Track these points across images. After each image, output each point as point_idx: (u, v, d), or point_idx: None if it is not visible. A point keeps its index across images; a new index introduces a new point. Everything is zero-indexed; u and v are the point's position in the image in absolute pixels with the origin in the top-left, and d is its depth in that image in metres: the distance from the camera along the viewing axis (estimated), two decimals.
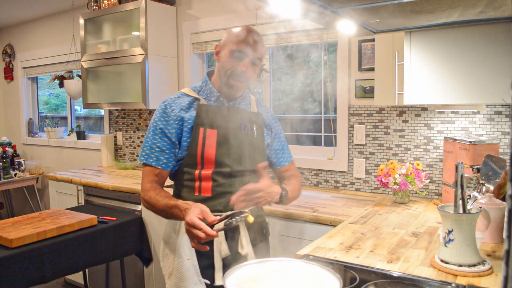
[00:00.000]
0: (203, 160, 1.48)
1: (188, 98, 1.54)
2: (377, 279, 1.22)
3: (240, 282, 1.06)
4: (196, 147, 1.47)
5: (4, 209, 4.96)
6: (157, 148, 1.49)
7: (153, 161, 1.50)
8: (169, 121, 1.50)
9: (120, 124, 3.86)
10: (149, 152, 1.51)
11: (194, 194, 1.50)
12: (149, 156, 1.50)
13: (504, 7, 1.23)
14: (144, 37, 3.11)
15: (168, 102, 1.53)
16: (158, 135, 1.50)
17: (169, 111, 1.51)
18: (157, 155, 1.49)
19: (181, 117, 1.50)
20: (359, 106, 2.53)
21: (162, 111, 1.52)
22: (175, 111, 1.51)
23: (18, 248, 1.92)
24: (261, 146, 1.61)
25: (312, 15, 1.30)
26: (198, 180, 1.49)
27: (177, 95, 1.57)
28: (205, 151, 1.47)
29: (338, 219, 1.95)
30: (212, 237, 1.21)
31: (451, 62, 1.62)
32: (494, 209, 1.48)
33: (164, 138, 1.49)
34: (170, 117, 1.50)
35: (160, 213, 1.46)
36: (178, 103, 1.53)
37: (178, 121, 1.49)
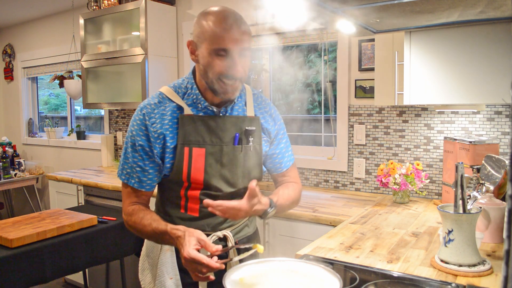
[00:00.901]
0: (190, 180, 1.29)
1: (171, 105, 1.29)
2: (377, 279, 1.22)
3: (240, 282, 1.06)
4: (181, 169, 1.27)
5: (4, 209, 4.96)
6: (138, 168, 1.29)
7: (135, 182, 1.30)
8: (150, 138, 1.27)
9: (120, 124, 3.86)
10: (130, 171, 1.30)
11: (179, 211, 1.34)
12: (131, 176, 1.30)
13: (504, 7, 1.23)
14: (144, 37, 3.11)
15: (147, 111, 1.28)
16: (138, 153, 1.28)
17: (148, 124, 1.27)
18: (139, 175, 1.29)
19: (163, 135, 1.27)
20: (359, 106, 2.53)
21: (140, 122, 1.28)
22: (156, 126, 1.27)
23: (18, 248, 1.91)
24: (257, 160, 1.38)
25: (312, 15, 1.30)
26: (185, 198, 1.33)
27: (158, 98, 1.31)
28: (191, 174, 1.27)
29: (338, 219, 1.95)
30: (216, 270, 1.06)
31: (451, 62, 1.62)
32: (494, 209, 1.48)
33: (145, 157, 1.28)
34: (150, 133, 1.26)
35: (150, 238, 1.31)
36: (159, 114, 1.28)
37: (160, 139, 1.27)
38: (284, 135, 1.49)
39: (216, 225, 1.34)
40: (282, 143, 1.48)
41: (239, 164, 1.33)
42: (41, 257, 1.98)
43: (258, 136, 1.37)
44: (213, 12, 1.22)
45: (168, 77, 3.31)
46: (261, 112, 1.42)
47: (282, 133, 1.48)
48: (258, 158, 1.39)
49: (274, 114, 1.46)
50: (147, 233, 1.26)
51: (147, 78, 3.13)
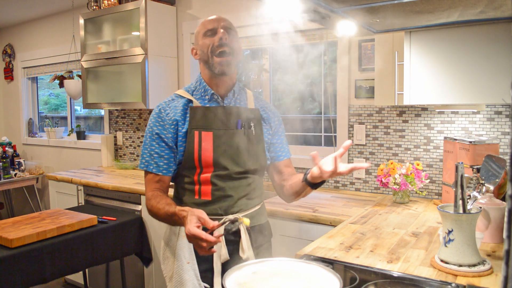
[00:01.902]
0: (201, 163, 1.45)
1: (182, 100, 1.51)
2: (377, 279, 1.22)
3: (240, 282, 1.06)
4: (192, 151, 1.44)
5: (4, 209, 4.96)
6: (155, 154, 1.47)
7: (153, 167, 1.47)
8: (165, 125, 1.47)
9: (120, 124, 3.86)
10: (148, 159, 1.48)
11: (194, 197, 1.48)
12: (149, 163, 1.48)
13: (504, 7, 1.23)
14: (144, 37, 3.11)
15: (163, 106, 1.50)
16: (155, 141, 1.47)
17: (163, 115, 1.48)
18: (156, 161, 1.47)
19: (176, 121, 1.47)
20: (359, 106, 2.53)
21: (156, 115, 1.49)
22: (170, 115, 1.48)
23: (18, 248, 1.92)
24: (261, 144, 1.56)
25: (312, 15, 1.30)
26: (198, 184, 1.47)
27: (171, 97, 1.54)
28: (202, 155, 1.44)
29: (338, 219, 1.95)
30: (215, 243, 1.19)
31: (451, 62, 1.62)
32: (494, 209, 1.48)
33: (162, 143, 1.47)
34: (165, 121, 1.47)
35: (164, 221, 1.44)
36: (172, 107, 1.50)
37: (173, 125, 1.47)
38: (283, 132, 1.67)
39: (227, 207, 1.47)
40: (282, 136, 1.66)
41: (243, 146, 1.49)
42: (41, 257, 1.98)
43: (258, 123, 1.56)
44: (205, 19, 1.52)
45: (168, 77, 3.31)
46: (261, 106, 1.62)
47: (281, 129, 1.67)
48: (261, 143, 1.56)
49: (273, 110, 1.67)
50: (161, 216, 1.40)
51: (147, 78, 3.13)
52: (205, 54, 1.47)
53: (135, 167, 3.67)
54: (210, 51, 1.46)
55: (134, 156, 3.77)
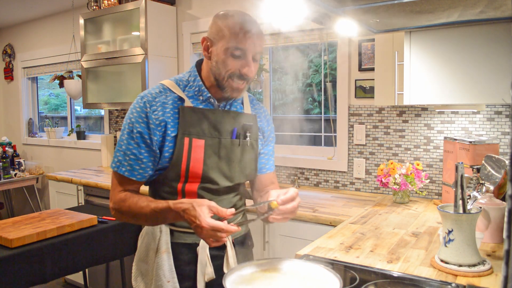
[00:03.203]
0: (188, 173, 1.27)
1: (172, 96, 1.29)
2: (377, 279, 1.22)
3: (240, 282, 1.06)
4: (180, 160, 1.26)
5: (4, 209, 4.96)
6: (132, 155, 1.25)
7: (126, 170, 1.26)
8: (150, 125, 1.25)
9: (120, 124, 3.86)
10: (121, 159, 1.26)
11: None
12: (121, 164, 1.26)
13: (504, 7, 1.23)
14: (144, 37, 3.11)
15: (148, 99, 1.26)
16: (135, 140, 1.25)
17: (149, 112, 1.25)
18: (131, 163, 1.25)
19: (164, 122, 1.25)
20: (359, 106, 2.53)
21: (140, 109, 1.26)
22: (158, 113, 1.25)
23: (18, 248, 1.92)
24: (253, 156, 1.40)
25: (312, 15, 1.30)
26: (181, 194, 1.30)
27: (158, 89, 1.30)
28: (190, 165, 1.26)
29: (338, 219, 1.95)
30: (234, 232, 1.09)
31: (451, 62, 1.62)
32: (494, 209, 1.48)
33: (142, 145, 1.25)
34: (151, 120, 1.25)
35: (146, 221, 1.27)
36: (160, 102, 1.27)
37: (161, 126, 1.25)
38: (273, 140, 1.52)
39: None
40: (270, 145, 1.50)
41: (236, 159, 1.34)
42: (41, 257, 1.98)
43: (255, 132, 1.40)
44: (233, 13, 1.26)
45: (168, 77, 3.28)
46: (256, 112, 1.45)
47: (272, 136, 1.51)
48: (254, 154, 1.40)
49: (268, 116, 1.51)
50: (145, 214, 1.23)
51: (147, 78, 3.13)
52: (221, 73, 1.26)
53: None
54: (228, 74, 1.25)
55: None
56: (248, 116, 1.40)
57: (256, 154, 1.42)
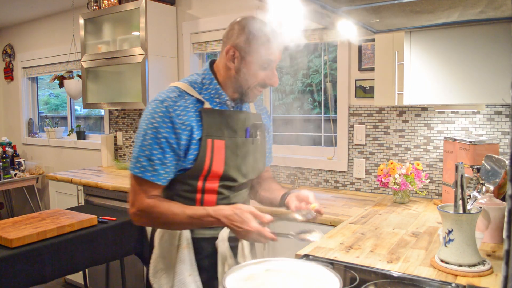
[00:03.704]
0: (209, 173, 1.32)
1: (191, 100, 1.32)
2: (377, 279, 1.22)
3: (240, 282, 1.06)
4: (203, 161, 1.30)
5: (4, 209, 4.96)
6: (157, 160, 1.26)
7: (152, 175, 1.27)
8: (176, 130, 1.26)
9: (120, 124, 3.86)
10: (146, 165, 1.26)
11: (194, 205, 1.34)
12: (146, 169, 1.26)
13: (504, 7, 1.23)
14: (144, 37, 3.11)
15: (169, 104, 1.27)
16: (160, 145, 1.26)
17: (173, 116, 1.26)
18: (157, 168, 1.27)
19: (190, 126, 1.28)
20: (359, 106, 2.53)
21: (163, 114, 1.26)
22: (182, 117, 1.27)
23: (18, 248, 1.91)
24: (263, 152, 1.50)
25: (312, 15, 1.30)
26: (201, 192, 1.35)
27: (175, 92, 1.31)
28: (213, 165, 1.31)
29: (338, 219, 1.95)
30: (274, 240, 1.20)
31: (451, 62, 1.62)
32: (494, 209, 1.48)
33: (167, 149, 1.26)
34: (177, 125, 1.26)
35: (177, 227, 1.32)
36: (182, 106, 1.29)
37: (187, 131, 1.28)
38: (271, 137, 1.64)
39: None
40: (270, 141, 1.62)
41: (250, 156, 1.42)
42: (41, 257, 1.98)
43: (263, 130, 1.49)
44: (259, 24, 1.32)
45: (168, 77, 3.31)
46: (260, 110, 1.56)
47: (271, 131, 1.64)
48: (263, 151, 1.51)
49: (268, 113, 1.63)
50: (180, 220, 1.26)
51: (147, 78, 3.13)
52: (249, 84, 1.33)
53: None
54: (255, 84, 1.33)
55: None
56: (255, 115, 1.48)
57: (265, 151, 1.52)
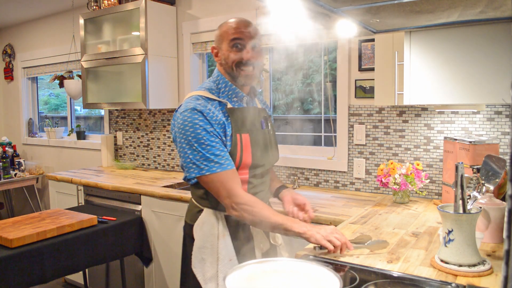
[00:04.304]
0: (241, 164, 1.48)
1: (214, 103, 1.48)
2: (377, 279, 1.22)
3: (240, 282, 1.06)
4: (235, 154, 1.46)
5: (4, 209, 4.96)
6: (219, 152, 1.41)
7: (228, 164, 1.42)
8: (214, 125, 1.43)
9: (120, 124, 3.86)
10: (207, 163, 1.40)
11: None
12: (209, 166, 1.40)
13: (504, 7, 1.23)
14: (144, 37, 3.11)
15: (201, 109, 1.42)
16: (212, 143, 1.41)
17: (209, 118, 1.42)
18: (218, 160, 1.41)
19: (223, 123, 1.45)
20: (359, 106, 2.53)
21: (202, 117, 1.41)
22: (216, 117, 1.44)
23: (18, 248, 1.92)
24: (276, 141, 1.68)
25: (312, 15, 1.30)
26: None
27: (198, 100, 1.46)
28: (243, 157, 1.47)
29: (338, 219, 1.95)
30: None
31: (451, 62, 1.62)
32: (494, 209, 1.48)
33: (217, 140, 1.42)
34: (214, 125, 1.43)
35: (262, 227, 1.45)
36: (211, 108, 1.45)
37: (222, 127, 1.45)
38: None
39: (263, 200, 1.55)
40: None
41: (269, 145, 1.59)
42: (41, 257, 1.98)
43: (271, 122, 1.69)
44: (229, 20, 1.52)
45: (168, 77, 3.31)
46: (263, 105, 1.74)
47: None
48: (275, 140, 1.69)
49: (268, 107, 1.80)
50: (266, 224, 1.40)
51: (147, 78, 3.13)
52: (230, 66, 1.49)
53: (135, 167, 3.67)
54: (235, 65, 1.48)
55: (134, 156, 3.77)
56: (262, 109, 1.67)
57: (276, 140, 1.69)
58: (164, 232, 2.65)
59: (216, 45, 1.54)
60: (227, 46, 1.49)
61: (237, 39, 1.47)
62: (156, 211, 2.67)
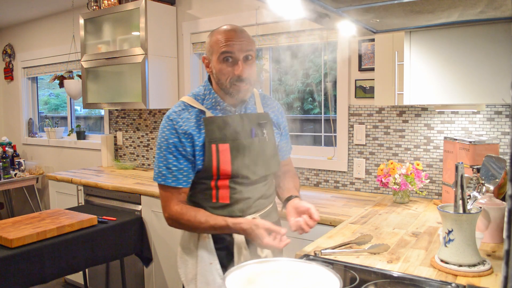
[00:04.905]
0: (219, 173, 1.44)
1: (194, 111, 1.46)
2: (377, 279, 1.22)
3: (240, 282, 1.06)
4: (210, 163, 1.43)
5: (4, 209, 4.96)
6: (173, 167, 1.44)
7: (172, 181, 1.44)
8: (181, 138, 1.43)
9: (120, 124, 3.86)
10: (166, 173, 1.44)
11: (211, 201, 1.48)
12: (167, 177, 1.44)
13: (504, 7, 1.23)
14: (144, 37, 3.11)
15: (174, 117, 1.45)
16: (172, 154, 1.43)
17: (177, 128, 1.43)
18: (175, 174, 1.44)
19: (190, 135, 1.43)
20: (359, 106, 2.53)
21: (170, 127, 1.44)
22: (184, 127, 1.43)
23: (18, 248, 1.92)
24: (273, 149, 1.58)
25: (312, 15, 1.30)
26: (215, 189, 1.47)
27: (180, 106, 1.48)
28: (220, 167, 1.43)
29: (338, 219, 1.95)
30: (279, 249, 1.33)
31: (451, 62, 1.62)
32: (494, 209, 1.48)
33: (179, 156, 1.43)
34: (180, 134, 1.43)
35: (204, 232, 1.46)
36: (184, 118, 1.45)
37: (189, 138, 1.43)
38: (286, 129, 1.72)
39: (245, 209, 1.48)
40: (287, 135, 1.71)
41: (259, 154, 1.50)
42: (41, 257, 1.98)
43: (270, 128, 1.58)
44: (219, 29, 1.46)
45: (168, 77, 3.31)
46: (269, 109, 1.63)
47: (287, 128, 1.72)
48: (274, 148, 1.58)
49: (280, 109, 1.69)
50: (204, 228, 1.43)
51: (147, 78, 3.13)
52: (221, 81, 1.43)
53: (135, 167, 3.67)
54: (228, 81, 1.42)
55: (134, 156, 3.77)
56: (261, 115, 1.57)
57: (275, 147, 1.59)
58: (164, 232, 2.65)
59: (207, 55, 1.48)
60: (217, 60, 1.42)
61: (227, 52, 1.39)
62: (156, 211, 2.67)
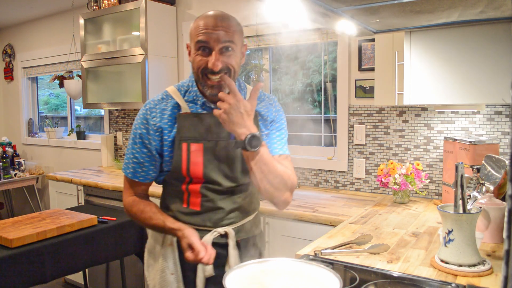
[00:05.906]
0: (190, 175, 1.31)
1: (172, 102, 1.33)
2: (377, 279, 1.22)
3: (240, 282, 1.06)
4: (180, 164, 1.30)
5: (4, 209, 4.96)
6: (134, 159, 1.34)
7: (130, 172, 1.37)
8: (149, 131, 1.31)
9: (120, 124, 3.86)
10: (128, 162, 1.37)
11: (182, 206, 1.36)
12: (127, 167, 1.37)
13: (504, 7, 1.23)
14: (144, 37, 3.11)
15: (150, 107, 1.33)
16: (137, 145, 1.33)
17: (149, 118, 1.32)
18: (134, 166, 1.35)
19: (160, 128, 1.31)
20: (359, 106, 2.53)
21: (143, 116, 1.33)
22: (156, 119, 1.31)
23: (18, 248, 1.91)
24: None
25: (312, 15, 1.30)
26: (186, 193, 1.35)
27: (161, 95, 1.36)
28: (191, 168, 1.30)
29: (338, 219, 1.95)
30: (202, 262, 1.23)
31: (451, 62, 1.62)
32: (494, 209, 1.48)
33: (143, 149, 1.33)
34: (150, 126, 1.31)
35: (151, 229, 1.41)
36: (160, 109, 1.32)
37: (158, 132, 1.31)
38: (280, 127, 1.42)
39: (217, 220, 1.34)
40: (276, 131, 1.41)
41: (237, 160, 1.33)
42: (41, 257, 1.98)
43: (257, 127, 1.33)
44: (203, 14, 1.31)
45: (168, 77, 3.31)
46: (262, 105, 1.41)
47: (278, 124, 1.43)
48: None
49: (271, 102, 1.45)
50: (148, 226, 1.38)
51: (147, 78, 3.13)
52: (195, 72, 1.28)
53: None
54: (200, 71, 1.26)
55: None
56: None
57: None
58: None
59: (189, 43, 1.33)
60: (194, 48, 1.27)
61: (202, 41, 1.23)
62: None
